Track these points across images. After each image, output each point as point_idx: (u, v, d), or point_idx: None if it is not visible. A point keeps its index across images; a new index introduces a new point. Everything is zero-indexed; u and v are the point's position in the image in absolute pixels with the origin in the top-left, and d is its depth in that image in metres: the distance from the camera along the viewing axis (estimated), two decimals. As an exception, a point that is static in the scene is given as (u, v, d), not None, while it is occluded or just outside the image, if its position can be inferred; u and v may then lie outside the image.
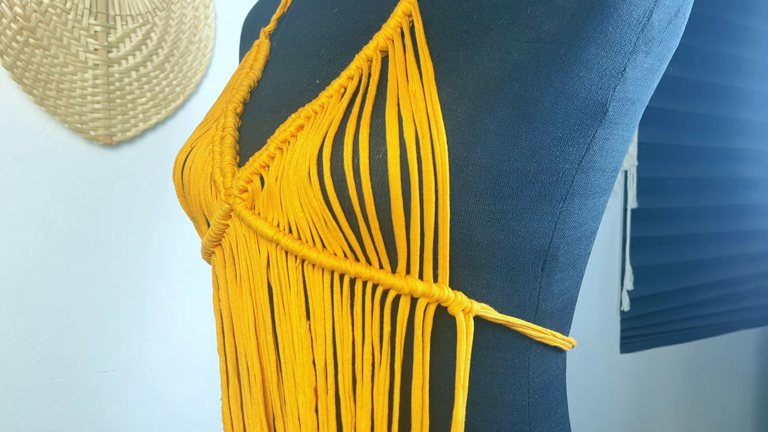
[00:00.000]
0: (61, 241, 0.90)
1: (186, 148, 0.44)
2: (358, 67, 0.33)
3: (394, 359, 0.31)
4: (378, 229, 0.29)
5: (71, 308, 0.92)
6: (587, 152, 0.32)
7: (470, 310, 0.30)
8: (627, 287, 1.66)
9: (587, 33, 0.29)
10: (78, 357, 0.93)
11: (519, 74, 0.29)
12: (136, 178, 0.96)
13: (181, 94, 0.99)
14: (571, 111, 0.30)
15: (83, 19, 0.89)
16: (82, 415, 0.94)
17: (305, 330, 0.33)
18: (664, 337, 1.78)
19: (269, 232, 0.33)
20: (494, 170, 0.29)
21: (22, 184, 0.87)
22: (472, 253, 0.30)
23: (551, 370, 0.36)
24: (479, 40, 0.30)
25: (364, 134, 0.29)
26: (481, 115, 0.29)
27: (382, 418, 0.30)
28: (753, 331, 2.10)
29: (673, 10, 0.32)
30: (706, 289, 1.81)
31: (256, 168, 0.34)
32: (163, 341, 1.01)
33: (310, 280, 0.32)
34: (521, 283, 0.33)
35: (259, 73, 0.44)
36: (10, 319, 0.87)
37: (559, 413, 0.37)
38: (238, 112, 0.42)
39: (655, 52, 0.33)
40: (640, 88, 0.33)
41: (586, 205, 0.34)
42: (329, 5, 0.40)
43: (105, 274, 0.95)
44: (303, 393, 0.33)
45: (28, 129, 0.87)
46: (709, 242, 1.79)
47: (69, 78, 0.88)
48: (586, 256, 0.38)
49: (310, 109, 0.34)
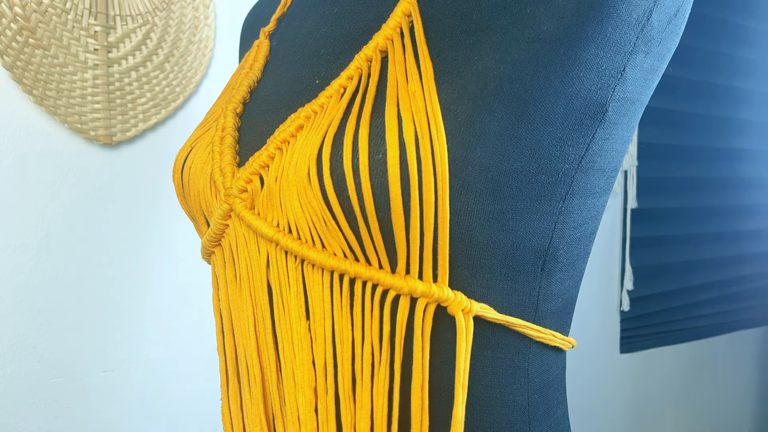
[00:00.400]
0: (61, 241, 0.90)
1: (186, 148, 0.44)
2: (357, 67, 0.33)
3: (393, 359, 0.31)
4: (378, 229, 0.29)
5: (71, 308, 0.92)
6: (587, 152, 0.32)
7: (470, 310, 0.30)
8: (627, 287, 1.66)
9: (587, 33, 0.29)
10: (78, 357, 0.93)
11: (519, 74, 0.29)
12: (136, 178, 0.96)
13: (181, 94, 0.99)
14: (570, 111, 0.30)
15: (83, 19, 0.89)
16: (82, 415, 0.94)
17: (305, 330, 0.33)
18: (664, 337, 1.78)
19: (269, 232, 0.33)
20: (494, 170, 0.29)
21: (22, 184, 0.87)
22: (472, 253, 0.30)
23: (551, 370, 0.36)
24: (479, 40, 0.30)
25: (363, 134, 0.29)
26: (481, 115, 0.29)
27: (381, 418, 0.30)
28: (753, 331, 2.10)
29: (673, 10, 0.32)
30: (706, 289, 1.81)
31: (255, 168, 0.34)
32: (163, 341, 1.01)
33: (310, 280, 0.32)
34: (521, 283, 0.33)
35: (258, 73, 0.44)
36: (10, 319, 0.87)
37: (558, 413, 0.37)
38: (238, 112, 0.42)
39: (655, 52, 0.33)
40: (639, 88, 0.33)
41: (586, 205, 0.34)
42: (329, 5, 0.40)
43: (105, 274, 0.95)
44: (303, 393, 0.33)
45: (28, 129, 0.87)
46: (709, 242, 1.79)
47: (69, 78, 0.88)
48: (586, 256, 0.38)
49: (309, 109, 0.34)
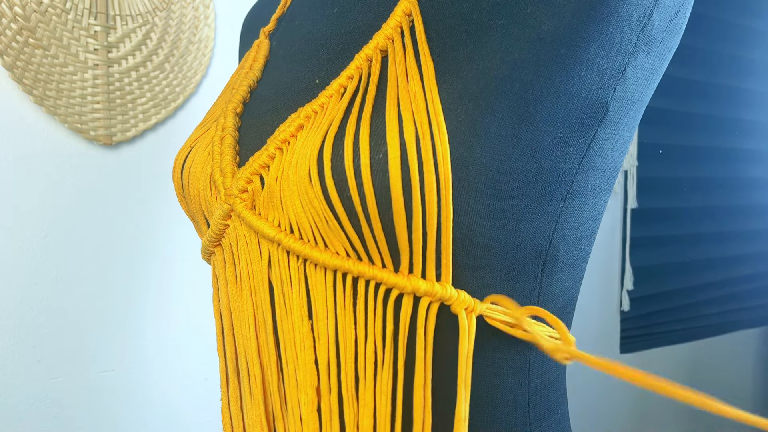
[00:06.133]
0: (61, 241, 0.90)
1: (186, 148, 0.44)
2: (357, 66, 0.33)
3: (396, 358, 0.31)
4: (380, 228, 0.29)
5: (71, 308, 0.92)
6: (587, 152, 0.32)
7: (473, 309, 0.30)
8: (627, 287, 1.65)
9: (587, 33, 0.29)
10: (78, 357, 0.93)
11: (519, 74, 0.29)
12: (136, 178, 0.96)
13: (181, 94, 0.99)
14: (571, 111, 0.30)
15: (83, 19, 0.89)
16: (82, 415, 0.94)
17: (307, 330, 0.33)
18: (664, 337, 1.78)
19: (271, 232, 0.33)
20: (494, 170, 0.29)
21: (22, 184, 0.87)
22: (472, 252, 0.30)
23: (551, 371, 0.36)
24: (479, 40, 0.30)
25: (364, 134, 0.29)
26: (482, 115, 0.29)
27: (384, 416, 0.30)
28: (753, 331, 2.10)
29: (674, 9, 0.32)
30: (706, 289, 1.81)
31: (256, 168, 0.34)
32: (163, 341, 1.01)
33: (313, 279, 0.32)
34: (521, 283, 0.33)
35: (258, 73, 0.44)
36: (10, 319, 0.87)
37: (559, 413, 0.37)
38: (238, 112, 0.42)
39: (656, 52, 0.32)
40: (640, 88, 0.33)
41: (587, 205, 0.34)
42: (329, 5, 0.40)
43: (105, 274, 0.95)
44: (305, 393, 0.32)
45: (28, 129, 0.87)
46: (709, 242, 1.79)
47: (69, 78, 0.88)
48: (586, 256, 0.38)
49: (309, 109, 0.34)
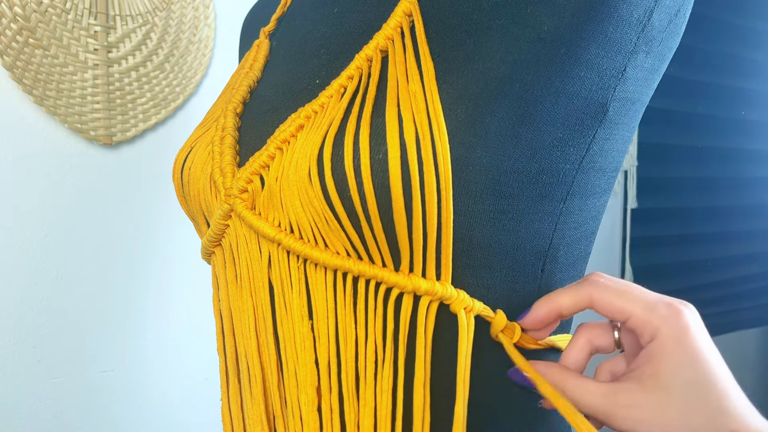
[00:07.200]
0: (61, 241, 0.90)
1: (186, 148, 0.44)
2: (358, 66, 0.33)
3: (397, 357, 0.31)
4: (380, 228, 0.29)
5: (71, 308, 0.92)
6: (588, 152, 0.32)
7: (472, 308, 0.30)
8: (627, 287, 1.65)
9: (587, 33, 0.29)
10: (78, 357, 0.93)
11: (519, 74, 0.29)
12: (136, 179, 0.96)
13: (181, 94, 0.99)
14: (571, 111, 0.30)
15: (83, 19, 0.89)
16: (82, 415, 0.94)
17: (307, 329, 0.33)
18: (663, 337, 1.78)
19: (271, 232, 0.33)
20: (494, 170, 0.29)
21: (22, 184, 0.87)
22: (472, 253, 0.30)
23: (551, 370, 0.36)
24: (479, 40, 0.30)
25: (364, 134, 0.29)
26: (482, 116, 0.29)
27: (385, 416, 0.30)
28: (753, 331, 2.10)
29: (674, 9, 0.32)
30: (706, 289, 1.81)
31: (256, 168, 0.34)
32: (163, 341, 1.01)
33: (313, 279, 0.32)
34: (521, 284, 0.33)
35: (258, 73, 0.44)
36: (10, 319, 0.87)
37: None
38: (238, 112, 0.42)
39: (656, 52, 0.32)
40: (640, 88, 0.33)
41: (586, 205, 0.34)
42: (329, 5, 0.40)
43: (105, 274, 0.95)
44: (305, 392, 0.33)
45: (28, 129, 0.86)
46: (709, 242, 1.79)
47: (69, 78, 0.88)
48: (586, 257, 0.38)
49: (310, 109, 0.34)
